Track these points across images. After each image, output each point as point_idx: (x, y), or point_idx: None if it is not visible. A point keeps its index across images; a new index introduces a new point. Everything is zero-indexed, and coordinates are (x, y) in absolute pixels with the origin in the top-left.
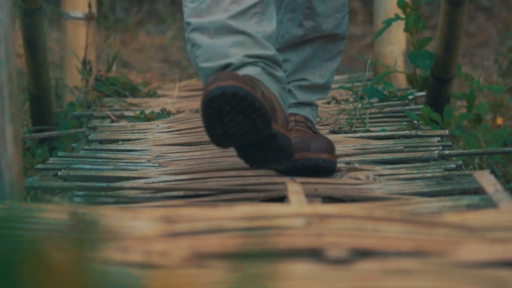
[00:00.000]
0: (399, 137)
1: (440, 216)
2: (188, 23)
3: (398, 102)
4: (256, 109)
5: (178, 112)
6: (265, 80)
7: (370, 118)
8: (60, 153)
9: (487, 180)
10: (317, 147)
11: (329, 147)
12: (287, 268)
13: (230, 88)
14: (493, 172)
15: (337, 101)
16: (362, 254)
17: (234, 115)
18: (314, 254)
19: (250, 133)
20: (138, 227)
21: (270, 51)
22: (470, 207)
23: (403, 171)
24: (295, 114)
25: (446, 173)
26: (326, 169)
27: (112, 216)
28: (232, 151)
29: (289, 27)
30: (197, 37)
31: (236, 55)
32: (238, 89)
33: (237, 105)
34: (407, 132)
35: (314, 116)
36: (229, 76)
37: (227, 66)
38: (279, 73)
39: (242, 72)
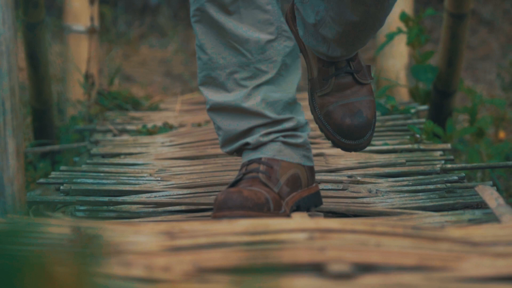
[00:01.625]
0: (401, 151)
1: (443, 230)
2: (206, 97)
3: (400, 116)
4: None
5: (180, 126)
6: (285, 155)
7: None
8: (62, 167)
9: (489, 194)
10: None
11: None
12: (290, 283)
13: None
14: (495, 186)
15: None
16: (365, 268)
17: None
18: (317, 268)
19: None
20: (140, 241)
21: (288, 123)
22: (473, 221)
23: (405, 183)
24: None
25: (449, 185)
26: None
27: (114, 231)
28: (234, 165)
29: None
30: (215, 116)
31: (253, 136)
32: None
33: None
34: (409, 146)
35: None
36: (237, 203)
37: (245, 144)
38: (300, 139)
39: (261, 152)
